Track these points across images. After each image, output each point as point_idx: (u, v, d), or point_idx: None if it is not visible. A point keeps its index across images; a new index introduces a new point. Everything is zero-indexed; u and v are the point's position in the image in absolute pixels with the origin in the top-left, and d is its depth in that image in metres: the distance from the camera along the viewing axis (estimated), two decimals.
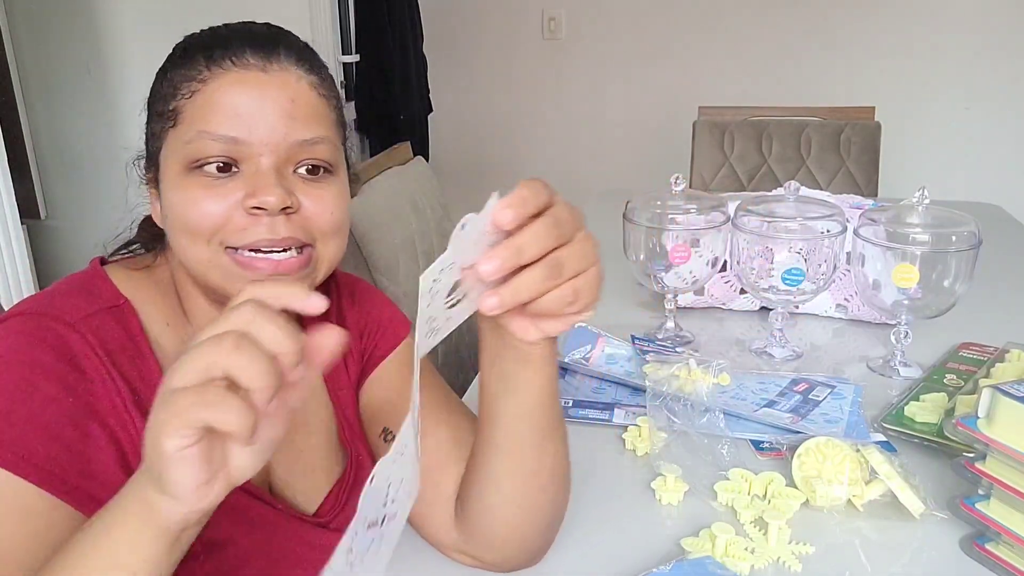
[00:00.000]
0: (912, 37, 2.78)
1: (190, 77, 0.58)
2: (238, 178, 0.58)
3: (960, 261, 0.98)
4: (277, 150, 0.58)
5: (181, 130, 0.59)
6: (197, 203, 0.58)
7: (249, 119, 0.57)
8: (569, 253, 0.47)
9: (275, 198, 0.57)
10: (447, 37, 3.19)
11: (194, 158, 0.58)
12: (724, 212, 1.12)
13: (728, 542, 0.70)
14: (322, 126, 0.61)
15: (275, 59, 0.59)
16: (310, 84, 0.61)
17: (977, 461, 0.70)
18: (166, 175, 0.60)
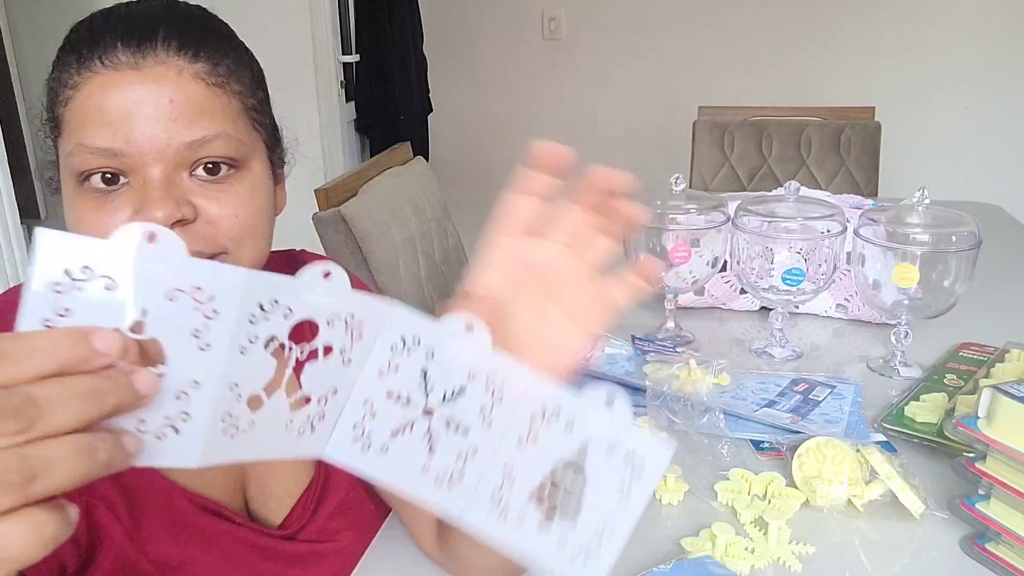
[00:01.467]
0: (912, 37, 2.78)
1: (63, 82, 0.53)
2: (127, 191, 0.52)
3: (960, 261, 0.98)
4: (162, 157, 0.52)
5: (63, 142, 0.54)
6: (85, 223, 0.53)
7: (124, 127, 0.51)
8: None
9: (162, 212, 0.51)
10: (447, 37, 3.19)
11: (78, 171, 0.52)
12: (724, 212, 1.12)
13: (728, 542, 0.70)
14: (214, 121, 0.54)
15: (150, 52, 0.52)
16: (194, 75, 0.53)
17: (977, 461, 0.70)
18: (64, 189, 0.55)
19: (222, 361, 0.32)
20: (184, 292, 0.31)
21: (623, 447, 0.39)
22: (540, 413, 0.38)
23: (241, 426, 0.33)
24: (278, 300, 0.33)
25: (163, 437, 0.31)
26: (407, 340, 0.37)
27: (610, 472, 0.39)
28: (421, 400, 0.37)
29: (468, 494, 0.38)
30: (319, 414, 0.36)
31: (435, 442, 0.38)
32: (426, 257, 1.57)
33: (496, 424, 0.38)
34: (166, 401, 0.31)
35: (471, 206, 3.41)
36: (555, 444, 0.39)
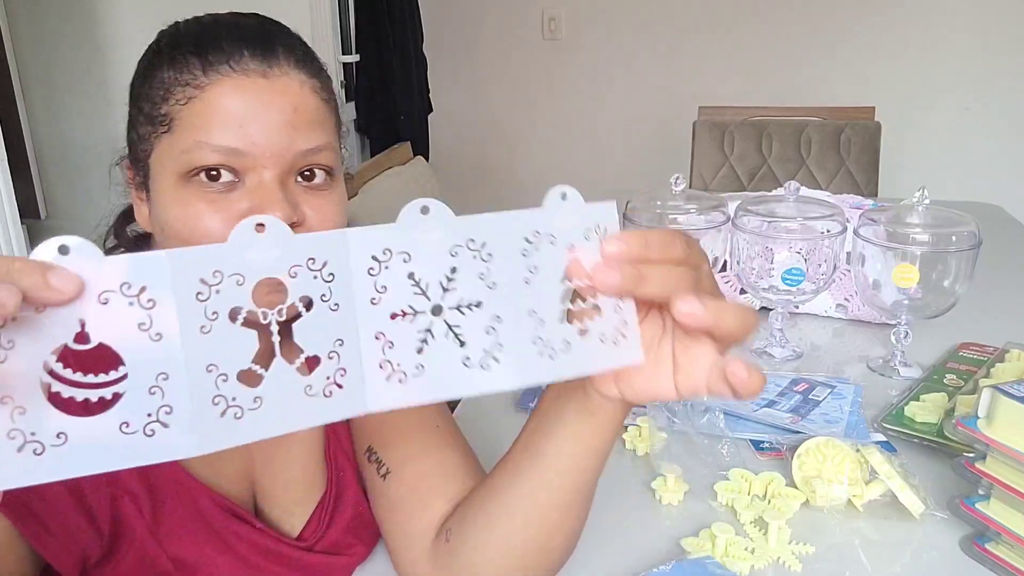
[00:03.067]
0: (912, 37, 2.78)
1: (184, 81, 0.55)
2: (240, 191, 0.55)
3: (960, 261, 0.98)
4: (280, 161, 0.55)
5: (177, 138, 0.55)
6: (199, 218, 0.55)
7: (251, 129, 0.54)
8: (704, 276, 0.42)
9: (282, 213, 0.54)
10: (447, 37, 3.19)
11: (192, 168, 0.54)
12: (724, 212, 1.12)
13: (728, 542, 0.70)
14: (324, 133, 0.58)
15: (275, 63, 0.56)
16: (312, 89, 0.57)
17: (977, 461, 0.70)
18: (159, 183, 0.57)
19: (180, 347, 0.31)
20: (114, 291, 0.30)
21: (592, 226, 0.40)
22: (526, 244, 0.38)
23: (245, 405, 0.33)
24: (220, 270, 0.32)
25: (153, 434, 0.31)
26: (378, 256, 0.35)
27: (594, 252, 0.40)
28: (424, 303, 0.36)
29: (516, 358, 0.38)
30: (338, 370, 0.35)
31: (460, 333, 0.37)
32: None
33: (499, 282, 0.38)
34: (141, 398, 0.31)
35: (471, 206, 3.41)
36: (552, 264, 0.39)
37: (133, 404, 0.31)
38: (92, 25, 2.51)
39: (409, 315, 0.36)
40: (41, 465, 0.30)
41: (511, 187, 3.30)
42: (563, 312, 0.39)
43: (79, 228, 1.23)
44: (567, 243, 0.39)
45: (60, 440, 0.30)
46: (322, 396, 0.35)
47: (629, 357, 0.42)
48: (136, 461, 0.31)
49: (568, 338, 0.39)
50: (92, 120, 2.60)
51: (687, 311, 0.40)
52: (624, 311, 0.41)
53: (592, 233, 0.40)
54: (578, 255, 0.39)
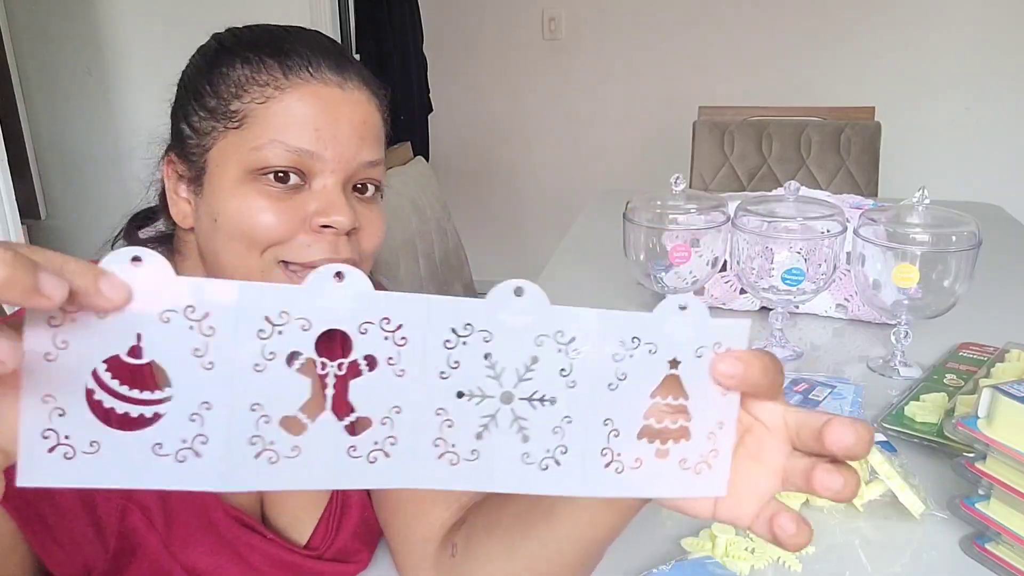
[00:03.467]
0: (912, 37, 2.78)
1: (263, 82, 0.57)
2: (305, 193, 0.57)
3: (960, 261, 0.98)
4: (347, 169, 0.58)
5: (247, 134, 0.56)
6: (262, 212, 0.56)
7: (325, 134, 0.56)
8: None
9: (347, 219, 0.56)
10: (447, 37, 3.19)
11: (261, 165, 0.56)
12: (724, 212, 1.12)
13: (728, 542, 0.70)
14: (381, 148, 0.61)
15: (349, 77, 0.59)
16: (376, 107, 0.61)
17: (977, 461, 0.70)
18: (219, 178, 0.58)
19: (230, 379, 0.31)
20: (177, 312, 0.30)
21: (709, 344, 0.36)
22: (621, 349, 0.35)
23: (281, 451, 0.32)
24: (288, 311, 0.31)
25: (184, 461, 0.31)
26: (458, 330, 0.33)
27: (704, 372, 0.37)
28: (495, 388, 0.34)
29: (579, 464, 0.36)
30: (388, 437, 0.33)
31: (526, 427, 0.35)
32: (426, 257, 1.57)
33: (581, 381, 0.35)
34: (179, 423, 0.31)
35: (471, 206, 3.42)
36: (644, 373, 0.36)
37: (171, 427, 0.31)
38: (92, 25, 2.51)
39: (477, 397, 0.34)
40: (68, 470, 0.30)
41: (511, 187, 3.30)
42: (642, 428, 0.37)
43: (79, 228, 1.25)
44: (670, 356, 0.36)
45: (93, 448, 0.30)
46: (366, 460, 0.33)
47: (710, 488, 0.39)
48: (161, 484, 0.31)
49: (642, 455, 0.37)
50: (92, 120, 2.61)
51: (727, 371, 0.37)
52: (719, 439, 0.38)
53: (707, 351, 0.36)
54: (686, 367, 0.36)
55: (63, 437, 0.30)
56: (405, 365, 0.33)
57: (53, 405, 0.29)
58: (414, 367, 0.33)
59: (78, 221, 2.72)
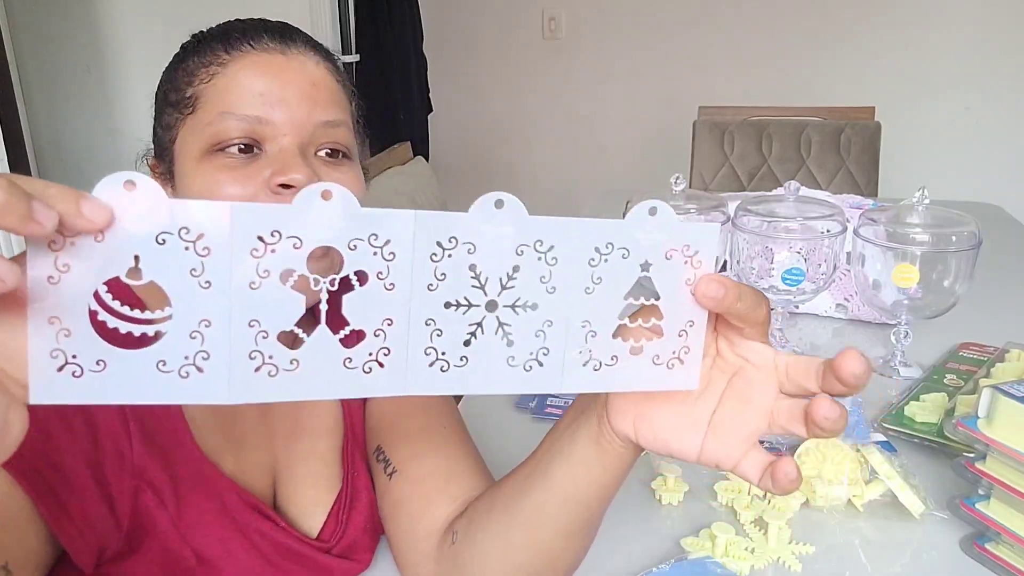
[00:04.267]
0: (912, 37, 2.78)
1: (208, 62, 0.58)
2: (261, 159, 0.57)
3: (960, 261, 0.98)
4: (301, 131, 0.58)
5: (200, 115, 0.58)
6: (221, 185, 0.56)
7: (272, 99, 0.57)
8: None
9: (303, 175, 0.55)
10: (447, 37, 3.19)
11: (216, 140, 0.57)
12: (724, 212, 1.12)
13: (728, 542, 0.70)
14: (341, 110, 0.61)
15: (292, 45, 0.60)
16: (327, 70, 0.61)
17: (977, 461, 0.70)
18: (183, 163, 0.59)
19: (227, 296, 0.32)
20: (172, 234, 0.31)
21: (679, 246, 0.38)
22: (596, 254, 0.37)
23: (280, 364, 0.33)
24: (279, 230, 0.32)
25: (187, 376, 0.32)
26: (443, 243, 0.34)
27: (674, 273, 0.39)
28: (480, 297, 0.36)
29: (559, 364, 0.38)
30: (382, 348, 0.35)
31: (510, 332, 0.37)
32: None
33: (560, 286, 0.37)
34: (181, 341, 0.32)
35: (470, 206, 3.41)
36: (618, 277, 0.38)
37: (173, 345, 0.32)
38: (92, 25, 2.51)
39: (464, 306, 0.36)
40: (77, 387, 0.31)
41: (511, 187, 3.27)
42: (617, 328, 0.39)
43: None
44: (642, 260, 0.38)
45: (99, 367, 0.31)
46: (361, 371, 0.35)
47: (682, 382, 0.41)
48: (167, 399, 0.32)
49: (617, 353, 0.39)
50: (92, 120, 2.61)
51: (710, 294, 0.39)
52: (689, 336, 0.40)
53: (677, 254, 0.38)
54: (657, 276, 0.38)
55: (71, 356, 0.31)
56: (394, 279, 0.34)
57: (59, 326, 0.31)
58: (403, 281, 0.34)
59: None
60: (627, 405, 0.45)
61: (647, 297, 0.39)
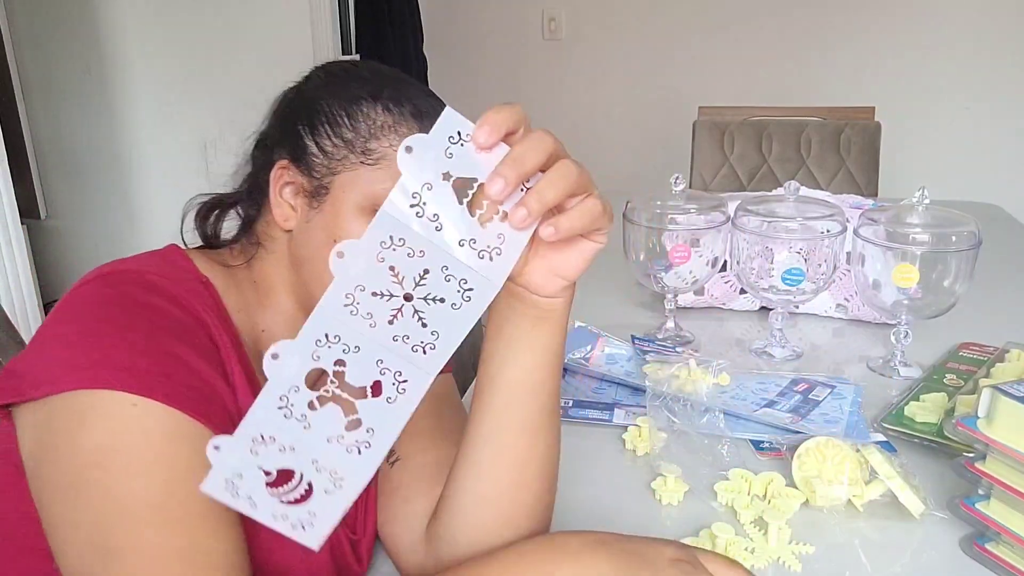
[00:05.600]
0: (912, 37, 2.78)
1: (402, 134, 0.62)
2: None
3: (960, 261, 0.98)
4: None
5: (381, 174, 0.62)
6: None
7: None
8: (573, 165, 0.46)
9: None
10: (447, 37, 3.19)
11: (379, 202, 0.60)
12: (724, 212, 1.12)
13: (728, 542, 0.70)
14: None
15: None
16: None
17: (977, 461, 0.70)
18: (342, 203, 0.62)
19: (304, 441, 0.44)
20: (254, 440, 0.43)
21: (445, 143, 0.44)
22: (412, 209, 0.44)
23: (366, 438, 0.45)
24: (286, 395, 0.43)
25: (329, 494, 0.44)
26: (323, 340, 0.44)
27: (464, 158, 0.44)
28: (398, 302, 0.44)
29: (478, 279, 0.45)
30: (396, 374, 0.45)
31: (436, 296, 0.45)
32: None
33: (423, 248, 0.44)
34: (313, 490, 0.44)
35: None
36: (443, 202, 0.44)
37: (318, 482, 0.44)
38: (92, 25, 2.51)
39: (397, 314, 0.44)
40: (317, 528, 0.44)
41: None
42: (479, 218, 0.45)
43: (79, 228, 1.25)
44: (440, 176, 0.44)
45: (312, 515, 0.44)
46: (399, 395, 0.44)
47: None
48: (348, 500, 0.44)
49: (500, 230, 0.46)
50: (92, 120, 2.61)
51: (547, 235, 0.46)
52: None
53: (452, 147, 0.44)
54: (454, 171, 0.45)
55: (295, 522, 0.44)
56: (354, 343, 0.44)
57: (280, 515, 0.43)
58: (359, 339, 0.44)
59: (78, 221, 2.72)
60: (540, 269, 0.51)
61: (471, 185, 0.45)
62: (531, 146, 0.44)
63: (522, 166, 0.44)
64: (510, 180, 0.43)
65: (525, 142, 0.44)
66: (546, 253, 0.51)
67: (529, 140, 0.44)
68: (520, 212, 0.44)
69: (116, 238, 2.70)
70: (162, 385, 0.52)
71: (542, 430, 0.59)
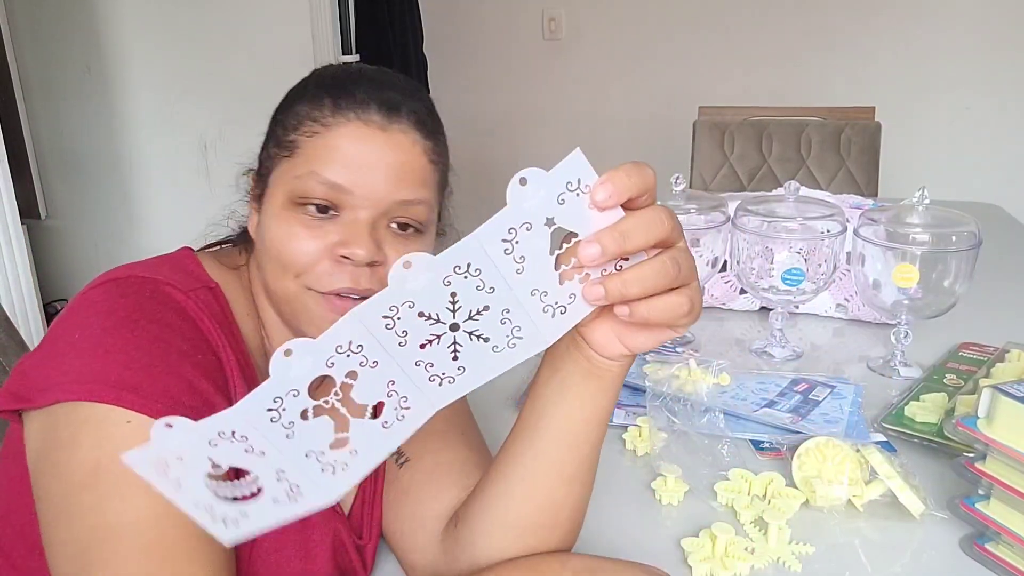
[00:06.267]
0: (912, 37, 2.78)
1: (314, 117, 0.61)
2: (335, 223, 0.60)
3: (960, 261, 0.98)
4: (377, 206, 0.60)
5: (295, 164, 0.61)
6: (295, 239, 0.60)
7: (359, 172, 0.59)
8: (679, 255, 0.43)
9: (364, 251, 0.59)
10: (447, 37, 3.19)
11: (299, 195, 0.60)
12: (724, 212, 1.12)
13: (728, 542, 0.70)
14: (425, 189, 0.63)
15: (396, 120, 0.61)
16: (423, 150, 0.63)
17: (977, 461, 0.70)
18: (270, 200, 0.63)
19: (279, 452, 0.41)
20: (223, 438, 0.40)
21: (564, 189, 0.42)
22: (505, 244, 0.41)
23: (346, 460, 0.42)
24: (280, 397, 0.39)
25: (296, 500, 0.42)
26: (387, 314, 0.40)
27: (575, 210, 0.42)
28: (441, 328, 0.42)
29: (534, 330, 0.43)
30: (400, 399, 0.43)
31: (481, 334, 0.42)
32: None
33: (495, 285, 0.42)
34: (275, 485, 0.42)
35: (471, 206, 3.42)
36: (535, 244, 0.41)
37: (272, 490, 0.41)
38: (92, 25, 2.51)
39: (435, 339, 0.42)
40: (242, 529, 0.41)
41: None
42: (560, 273, 0.43)
43: (79, 228, 1.25)
44: (544, 219, 0.41)
45: (243, 516, 0.41)
46: (397, 421, 0.43)
47: None
48: (293, 516, 0.42)
49: (572, 291, 0.43)
50: (92, 120, 2.61)
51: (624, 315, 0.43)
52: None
53: (567, 193, 0.42)
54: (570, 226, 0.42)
55: (223, 518, 0.41)
56: (374, 358, 0.41)
57: (210, 512, 0.40)
58: (380, 354, 0.41)
59: (78, 221, 2.72)
60: (605, 330, 0.48)
61: (568, 239, 0.42)
62: (644, 225, 0.41)
63: (626, 242, 0.41)
64: (608, 252, 0.40)
65: (640, 217, 0.41)
66: (616, 324, 0.48)
67: (644, 217, 0.42)
68: (597, 291, 0.42)
69: (116, 238, 2.70)
70: (160, 402, 0.52)
71: (577, 480, 0.58)
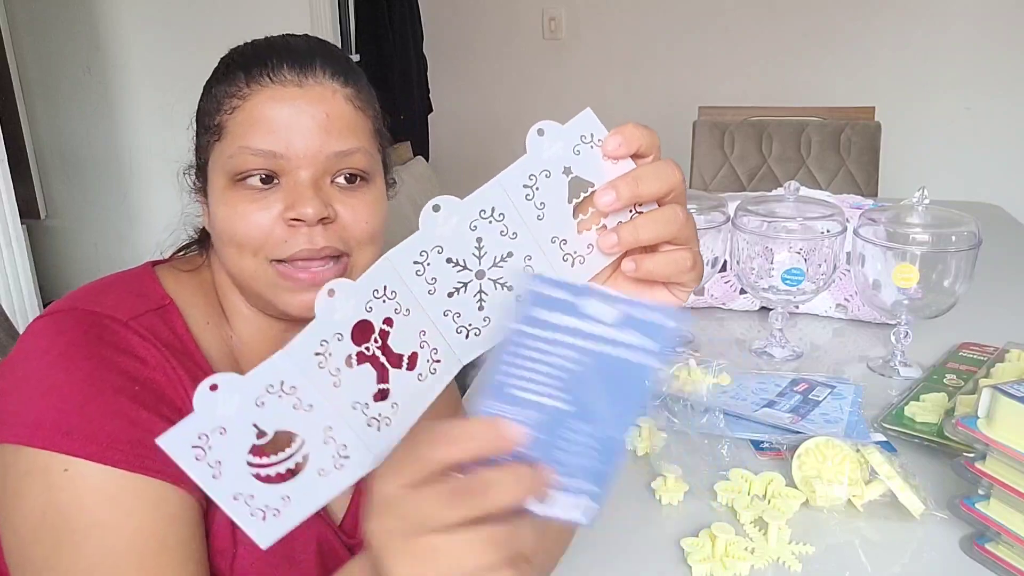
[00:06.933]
0: (912, 37, 2.78)
1: (231, 93, 0.61)
2: (279, 190, 0.60)
3: (960, 261, 0.98)
4: (314, 162, 0.60)
5: (225, 144, 0.61)
6: (244, 217, 0.60)
7: (286, 133, 0.59)
8: (682, 212, 0.44)
9: (312, 209, 0.58)
10: (447, 37, 3.19)
11: (236, 171, 0.60)
12: (724, 212, 1.12)
13: (728, 542, 0.70)
14: (357, 137, 0.62)
15: (311, 73, 0.61)
16: (345, 97, 0.62)
17: (977, 461, 0.70)
18: (213, 187, 0.63)
19: (328, 402, 0.40)
20: (271, 394, 0.38)
21: (579, 141, 0.45)
22: (527, 189, 0.43)
23: (389, 413, 0.42)
24: (326, 339, 0.39)
25: (342, 467, 0.41)
26: (418, 259, 0.42)
27: (591, 161, 0.45)
28: (468, 275, 0.43)
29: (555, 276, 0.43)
30: (431, 350, 0.44)
31: (505, 281, 0.44)
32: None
33: (518, 231, 0.43)
34: (321, 451, 0.40)
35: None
36: (554, 192, 0.44)
37: (318, 458, 0.40)
38: (92, 25, 2.51)
39: (461, 287, 0.43)
40: (282, 520, 0.39)
41: None
42: (579, 223, 0.45)
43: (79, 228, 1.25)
44: (561, 168, 0.44)
45: (285, 501, 0.39)
46: (430, 375, 0.43)
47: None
48: (340, 488, 0.40)
49: (590, 241, 0.45)
50: (92, 120, 2.60)
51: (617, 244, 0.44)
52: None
53: (582, 145, 0.44)
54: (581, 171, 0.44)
55: (263, 507, 0.39)
56: (407, 305, 0.42)
57: (244, 496, 0.39)
58: (411, 302, 0.42)
59: (78, 221, 2.72)
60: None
61: (584, 189, 0.45)
62: (655, 173, 0.43)
63: (638, 187, 0.43)
64: (622, 196, 0.42)
65: (651, 167, 0.44)
66: (623, 285, 0.48)
67: (655, 166, 0.44)
68: (611, 238, 0.43)
69: (116, 238, 2.70)
70: (95, 443, 0.52)
71: None
